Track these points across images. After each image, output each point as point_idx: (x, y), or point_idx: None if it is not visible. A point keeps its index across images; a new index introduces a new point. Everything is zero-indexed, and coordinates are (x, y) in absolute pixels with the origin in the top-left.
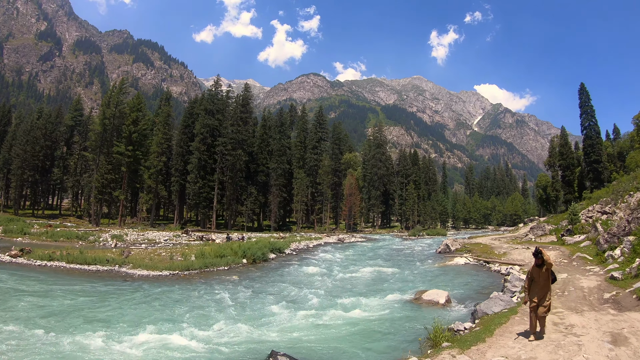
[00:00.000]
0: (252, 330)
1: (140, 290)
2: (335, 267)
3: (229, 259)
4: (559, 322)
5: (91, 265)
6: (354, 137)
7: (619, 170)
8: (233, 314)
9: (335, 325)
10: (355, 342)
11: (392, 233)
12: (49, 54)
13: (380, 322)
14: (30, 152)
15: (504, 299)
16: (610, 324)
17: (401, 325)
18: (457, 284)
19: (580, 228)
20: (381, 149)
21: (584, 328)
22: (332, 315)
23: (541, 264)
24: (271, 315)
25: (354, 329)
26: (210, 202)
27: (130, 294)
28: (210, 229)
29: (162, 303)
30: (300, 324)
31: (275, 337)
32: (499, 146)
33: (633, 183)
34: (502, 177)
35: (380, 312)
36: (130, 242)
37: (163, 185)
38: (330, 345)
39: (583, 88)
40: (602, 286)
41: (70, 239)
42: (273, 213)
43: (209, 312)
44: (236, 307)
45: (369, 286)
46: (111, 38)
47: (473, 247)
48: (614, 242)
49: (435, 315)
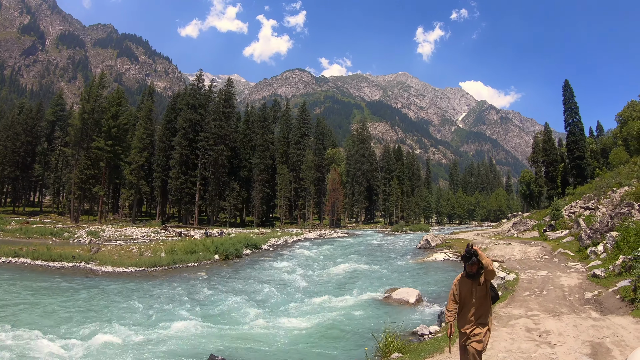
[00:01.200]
0: (200, 331)
1: (96, 288)
2: (310, 263)
3: (200, 255)
4: (533, 327)
5: (56, 261)
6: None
7: (602, 167)
8: (185, 313)
9: (289, 327)
10: (302, 348)
11: (376, 228)
12: (32, 48)
13: (340, 324)
14: (10, 147)
15: None
16: (590, 331)
17: (362, 328)
18: (432, 281)
19: (562, 224)
20: (365, 145)
21: (561, 336)
22: (290, 316)
23: (476, 272)
24: (226, 314)
25: (307, 333)
26: (193, 197)
27: (85, 291)
28: (192, 225)
29: (112, 300)
30: (252, 326)
31: (220, 339)
32: (483, 142)
33: (616, 179)
34: (486, 173)
35: (345, 313)
36: (106, 239)
37: (145, 181)
38: (273, 350)
39: (567, 85)
40: (583, 284)
41: (45, 235)
42: (256, 209)
43: (159, 311)
44: (192, 305)
45: (340, 284)
46: (95, 32)
47: (454, 242)
48: (596, 238)
49: (402, 316)
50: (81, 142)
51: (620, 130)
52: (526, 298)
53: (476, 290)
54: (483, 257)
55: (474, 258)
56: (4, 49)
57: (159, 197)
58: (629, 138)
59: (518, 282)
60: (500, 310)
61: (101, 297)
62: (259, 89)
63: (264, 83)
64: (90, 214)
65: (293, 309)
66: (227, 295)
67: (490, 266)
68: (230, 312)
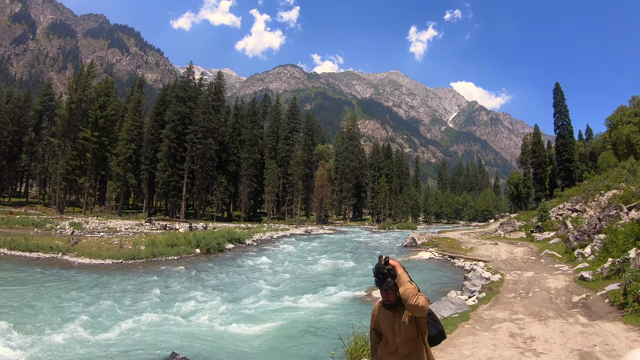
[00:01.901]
0: (166, 327)
1: (68, 279)
2: (293, 259)
3: (181, 249)
4: (517, 332)
5: (33, 252)
6: (329, 129)
7: (590, 170)
8: (153, 307)
9: (258, 327)
10: (267, 349)
11: (363, 226)
12: (22, 37)
13: (315, 324)
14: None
15: (456, 302)
16: (579, 339)
17: (337, 328)
18: (415, 280)
19: (550, 225)
20: (354, 142)
21: (547, 343)
22: (261, 313)
23: (395, 303)
24: (196, 310)
25: (276, 332)
26: (180, 191)
27: (56, 283)
28: (179, 219)
29: (82, 293)
30: (221, 322)
31: (186, 336)
32: (473, 143)
33: (604, 182)
34: (474, 173)
35: (321, 312)
36: (89, 231)
37: (132, 174)
38: (237, 349)
39: (558, 88)
40: (570, 287)
41: (27, 226)
42: (243, 203)
43: (127, 305)
44: (163, 300)
45: (320, 281)
46: (87, 22)
47: (440, 241)
48: (584, 240)
49: None
50: (68, 132)
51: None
52: (511, 300)
53: (400, 328)
54: (403, 281)
55: (389, 280)
56: None
57: (146, 190)
58: (618, 142)
59: (503, 283)
60: (483, 313)
61: (71, 289)
62: (250, 84)
63: (256, 78)
64: (76, 206)
65: (266, 306)
66: (201, 290)
67: (414, 299)
68: (201, 309)
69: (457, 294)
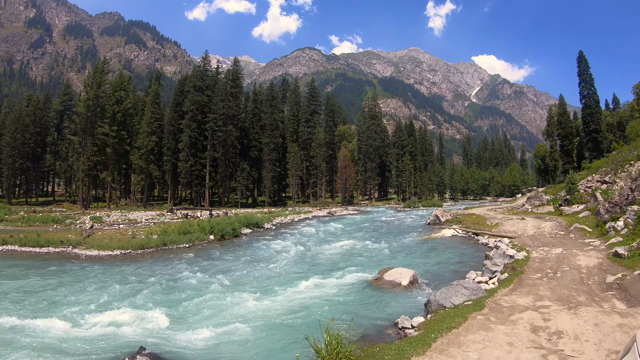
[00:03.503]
0: (148, 320)
1: (70, 272)
2: (310, 241)
3: (194, 236)
4: (541, 325)
5: (43, 247)
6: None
7: (618, 140)
8: (142, 299)
9: (253, 316)
10: (254, 345)
11: (388, 205)
12: (39, 41)
13: (313, 312)
14: (20, 139)
15: (469, 287)
16: (617, 334)
17: (339, 317)
18: (434, 259)
19: (578, 198)
20: (376, 121)
21: (577, 341)
22: (262, 301)
23: None
24: (187, 300)
25: (270, 323)
26: (203, 179)
27: (57, 276)
28: (203, 207)
29: (78, 286)
30: (212, 314)
31: (166, 329)
32: (497, 117)
33: (634, 153)
34: (500, 148)
35: (326, 297)
36: (109, 224)
37: (156, 165)
38: (207, 344)
39: (582, 56)
40: (603, 265)
41: (47, 223)
42: (267, 188)
43: (119, 296)
44: (154, 291)
45: (334, 263)
46: (102, 21)
47: (465, 218)
48: (615, 212)
49: (390, 300)
50: (87, 129)
51: (637, 103)
52: (536, 282)
53: None
54: None
55: None
56: (11, 44)
57: (169, 180)
58: None
59: (529, 261)
60: (502, 299)
61: (70, 282)
62: (269, 70)
63: (274, 63)
64: (101, 201)
65: (269, 293)
66: (205, 278)
67: None
68: (197, 299)
69: (476, 274)
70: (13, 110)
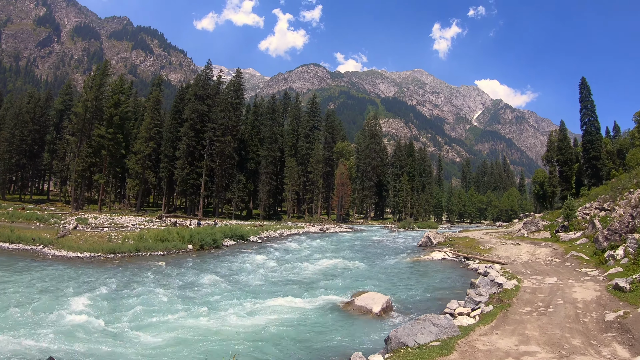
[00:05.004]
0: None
1: (29, 272)
2: (292, 258)
3: (171, 244)
4: None
5: (13, 243)
6: (353, 128)
7: (618, 168)
8: (83, 309)
9: (181, 337)
10: None
11: (383, 225)
12: (47, 40)
13: (260, 339)
14: (18, 136)
15: (439, 324)
16: None
17: (287, 346)
18: (416, 284)
19: (576, 224)
20: (376, 139)
21: None
22: (206, 320)
23: None
24: (122, 311)
25: (196, 348)
26: (198, 188)
27: (15, 275)
28: (196, 216)
29: (26, 287)
30: (138, 326)
31: (69, 340)
32: (497, 142)
33: (633, 180)
34: (499, 172)
35: (283, 321)
36: (94, 226)
37: (152, 172)
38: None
39: (584, 82)
40: (602, 299)
41: (30, 220)
42: (262, 201)
43: (64, 302)
44: (100, 302)
45: (309, 283)
46: (110, 24)
47: (458, 240)
48: (615, 240)
49: (355, 330)
50: (83, 130)
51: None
52: (524, 318)
53: None
54: None
55: None
56: (19, 41)
57: (165, 187)
58: None
59: (519, 291)
60: (478, 340)
61: (15, 280)
62: (273, 83)
63: (279, 77)
64: (95, 203)
65: (217, 310)
66: (163, 290)
67: None
68: (129, 309)
69: (458, 304)
70: (13, 106)
